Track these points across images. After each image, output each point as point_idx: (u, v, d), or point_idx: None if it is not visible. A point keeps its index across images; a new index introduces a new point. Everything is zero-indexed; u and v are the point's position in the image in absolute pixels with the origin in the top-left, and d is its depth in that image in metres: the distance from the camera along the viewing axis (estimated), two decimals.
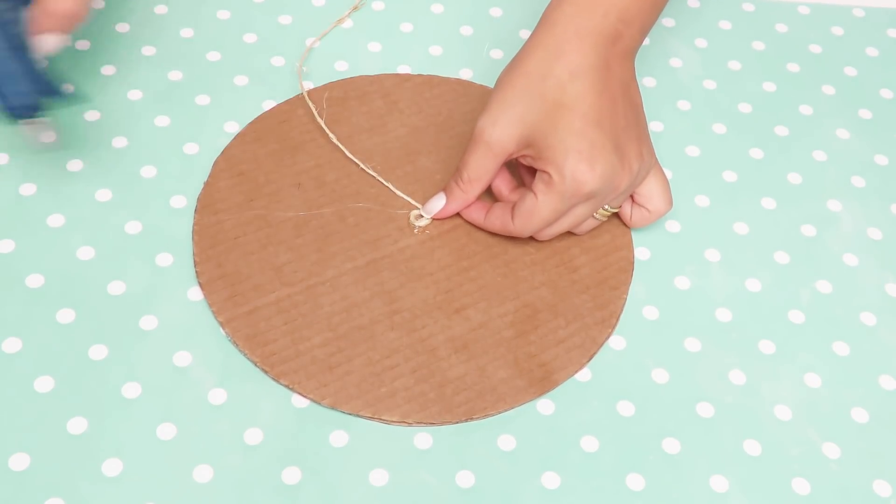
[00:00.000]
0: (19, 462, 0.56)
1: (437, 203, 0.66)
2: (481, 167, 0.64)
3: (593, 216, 0.65)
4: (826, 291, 0.68)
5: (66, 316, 0.61)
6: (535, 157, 0.62)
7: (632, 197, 0.67)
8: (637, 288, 0.66)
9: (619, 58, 0.64)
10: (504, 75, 0.64)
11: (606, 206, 0.65)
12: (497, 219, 0.65)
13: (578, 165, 0.61)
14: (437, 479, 0.58)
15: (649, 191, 0.66)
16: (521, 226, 0.64)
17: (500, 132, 0.62)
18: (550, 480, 0.58)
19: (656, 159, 0.66)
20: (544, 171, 0.62)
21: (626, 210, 0.67)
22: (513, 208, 0.64)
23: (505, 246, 0.67)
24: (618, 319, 0.65)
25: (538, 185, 0.62)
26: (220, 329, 0.62)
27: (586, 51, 0.62)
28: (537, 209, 0.63)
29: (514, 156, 0.64)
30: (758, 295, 0.67)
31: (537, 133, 0.62)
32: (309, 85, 0.74)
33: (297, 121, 0.71)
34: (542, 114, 0.62)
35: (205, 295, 0.63)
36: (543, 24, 0.64)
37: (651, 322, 0.65)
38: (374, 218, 0.67)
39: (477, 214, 0.67)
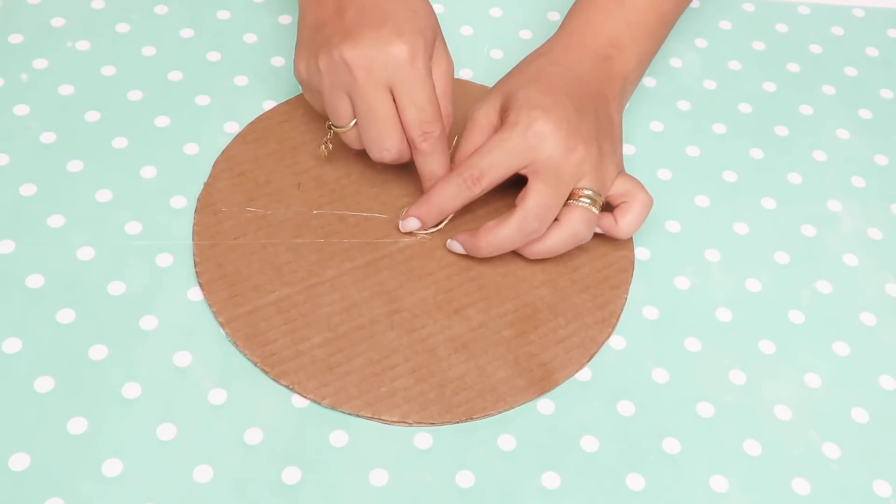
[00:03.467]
0: (19, 462, 0.56)
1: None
2: (470, 143, 0.65)
3: (574, 202, 0.63)
4: (826, 291, 0.68)
5: (66, 316, 0.61)
6: (505, 115, 0.64)
7: (611, 209, 0.66)
8: (637, 288, 0.66)
9: (606, 76, 0.67)
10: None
11: (586, 189, 0.63)
12: (449, 174, 0.64)
13: (535, 110, 0.62)
14: (437, 479, 0.58)
15: (624, 187, 0.65)
16: (477, 159, 0.63)
17: (483, 107, 0.65)
18: (550, 480, 0.58)
19: (624, 169, 0.66)
20: (507, 117, 0.63)
21: (609, 221, 0.66)
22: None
23: None
24: (618, 319, 0.65)
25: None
26: (220, 329, 0.62)
27: (571, 57, 0.67)
28: (490, 141, 0.63)
29: (498, 127, 0.64)
30: (758, 295, 0.67)
31: (511, 95, 0.64)
32: None
33: (297, 121, 0.71)
34: (519, 82, 0.65)
35: (205, 295, 0.63)
36: (542, 45, 0.69)
37: (651, 322, 0.65)
38: (374, 218, 0.67)
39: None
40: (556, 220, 0.64)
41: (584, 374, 0.62)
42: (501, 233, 0.63)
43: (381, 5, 0.62)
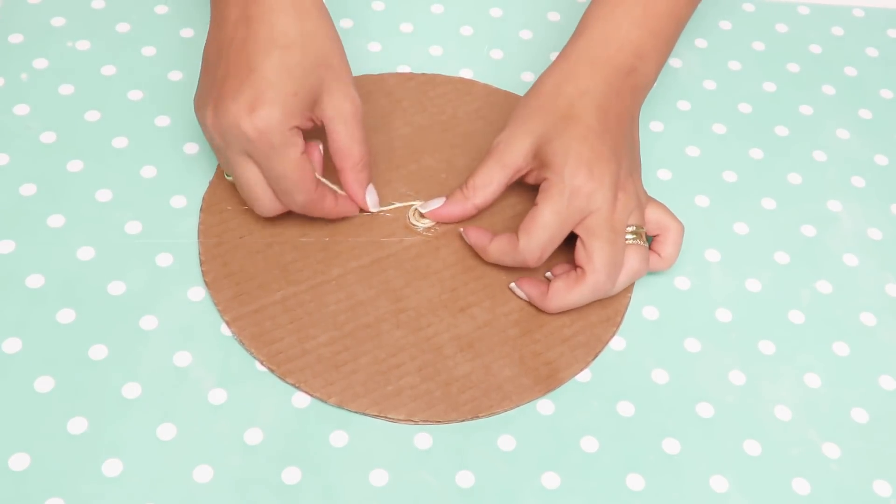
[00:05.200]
0: (19, 462, 0.56)
1: (436, 202, 0.66)
2: (488, 176, 0.64)
3: (628, 239, 0.63)
4: (826, 291, 0.68)
5: (66, 316, 0.61)
6: (539, 167, 0.63)
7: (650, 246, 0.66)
8: (637, 288, 0.66)
9: (630, 90, 0.65)
10: (522, 98, 0.66)
11: (629, 226, 0.63)
12: (502, 244, 0.63)
13: (578, 169, 0.61)
14: (437, 479, 0.58)
15: (654, 215, 0.65)
16: (526, 242, 0.62)
17: (512, 147, 0.64)
18: (550, 480, 0.58)
19: (648, 196, 0.66)
20: (545, 178, 0.62)
21: (654, 258, 0.65)
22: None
23: None
24: (622, 318, 0.65)
25: (539, 194, 0.62)
26: (221, 329, 0.62)
27: (597, 76, 0.65)
28: (539, 215, 0.62)
29: (524, 171, 0.64)
30: (758, 295, 0.67)
31: (544, 141, 0.63)
32: None
33: None
34: (551, 124, 0.63)
35: (211, 294, 0.63)
36: (560, 56, 0.67)
37: (651, 322, 0.65)
38: (379, 216, 0.67)
39: (482, 239, 0.65)
40: None
41: (583, 375, 0.62)
42: (573, 296, 0.62)
43: (251, 62, 0.59)
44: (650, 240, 0.66)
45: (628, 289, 0.66)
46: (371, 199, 0.66)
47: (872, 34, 0.84)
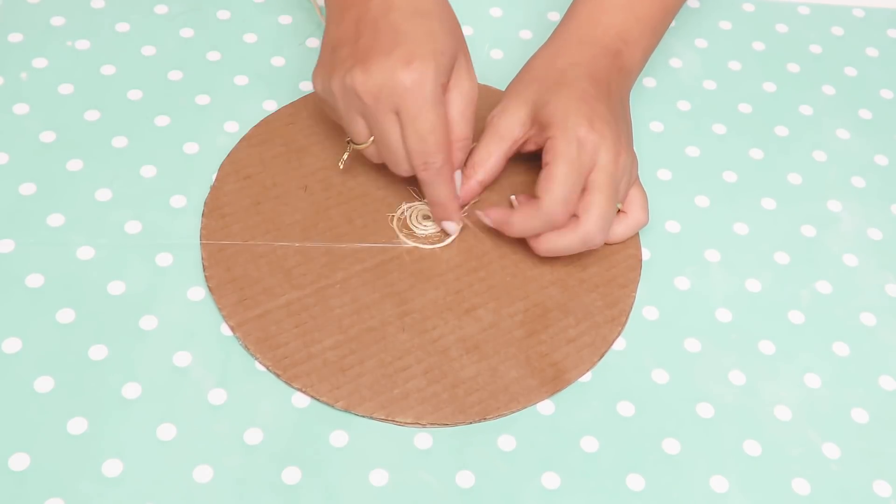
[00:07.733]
0: (19, 462, 0.56)
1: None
2: (486, 150, 0.65)
3: None
4: (826, 291, 0.68)
5: (66, 316, 0.61)
6: (539, 130, 0.63)
7: None
8: (638, 288, 0.66)
9: (617, 72, 0.66)
10: (513, 79, 0.67)
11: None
12: (525, 210, 0.63)
13: (580, 123, 0.61)
14: (437, 479, 0.58)
15: (631, 198, 0.66)
16: (550, 200, 0.61)
17: (507, 117, 0.65)
18: (550, 480, 0.58)
19: (638, 176, 0.66)
20: (549, 138, 0.62)
21: None
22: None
23: (513, 245, 0.66)
24: (627, 318, 0.64)
25: (547, 153, 0.62)
26: (221, 329, 0.62)
27: (586, 53, 0.66)
28: (554, 170, 0.61)
29: (521, 140, 0.65)
30: (758, 295, 0.67)
31: (540, 105, 0.63)
32: (310, 87, 0.74)
33: (302, 123, 0.71)
34: (544, 91, 0.64)
35: (214, 299, 0.62)
36: (550, 37, 0.69)
37: (651, 322, 0.65)
38: (382, 219, 0.67)
39: (503, 214, 0.64)
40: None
41: (584, 375, 0.62)
42: (563, 242, 0.63)
43: (397, 27, 0.61)
44: None
45: (632, 288, 0.66)
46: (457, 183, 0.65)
47: (872, 34, 0.84)
